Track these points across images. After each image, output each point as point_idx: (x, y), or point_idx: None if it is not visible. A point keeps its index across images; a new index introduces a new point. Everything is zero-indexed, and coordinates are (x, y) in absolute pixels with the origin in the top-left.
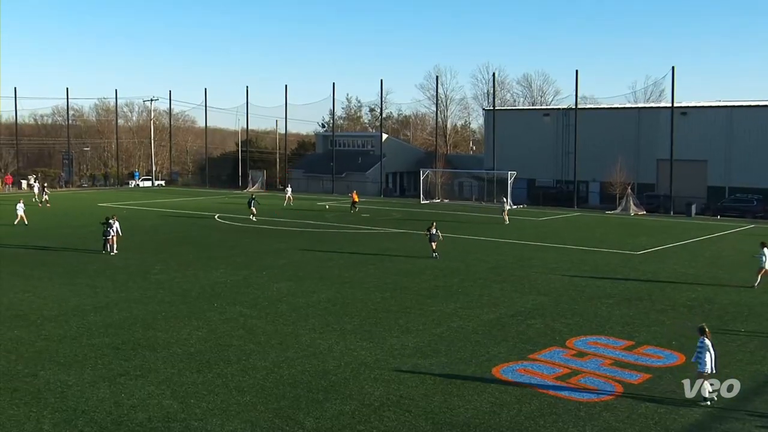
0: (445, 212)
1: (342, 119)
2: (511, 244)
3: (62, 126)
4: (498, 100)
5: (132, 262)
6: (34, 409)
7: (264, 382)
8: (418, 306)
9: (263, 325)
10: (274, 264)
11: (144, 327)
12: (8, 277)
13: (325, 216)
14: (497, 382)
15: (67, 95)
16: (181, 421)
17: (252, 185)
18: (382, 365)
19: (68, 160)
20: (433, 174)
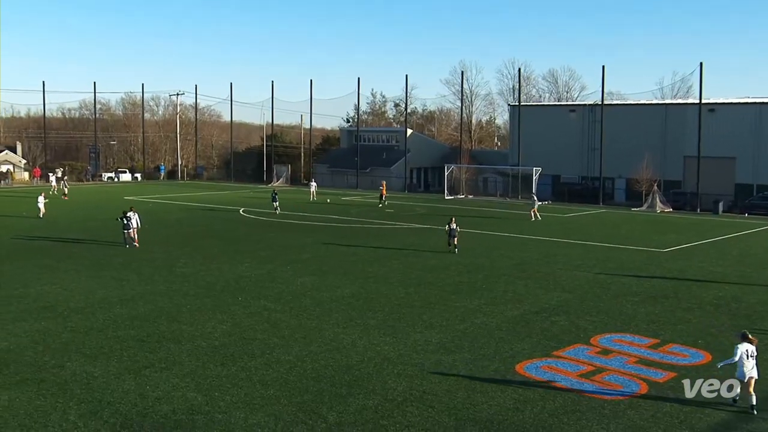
0: (469, 208)
1: (367, 114)
2: (535, 240)
3: (89, 120)
4: (523, 95)
5: (157, 255)
6: (60, 400)
7: (287, 376)
8: (441, 302)
9: (287, 319)
10: (299, 258)
11: (169, 320)
12: (36, 269)
13: (349, 211)
14: (521, 379)
15: (95, 89)
16: (205, 414)
17: (276, 180)
18: (405, 360)
19: (95, 154)
20: (458, 169)
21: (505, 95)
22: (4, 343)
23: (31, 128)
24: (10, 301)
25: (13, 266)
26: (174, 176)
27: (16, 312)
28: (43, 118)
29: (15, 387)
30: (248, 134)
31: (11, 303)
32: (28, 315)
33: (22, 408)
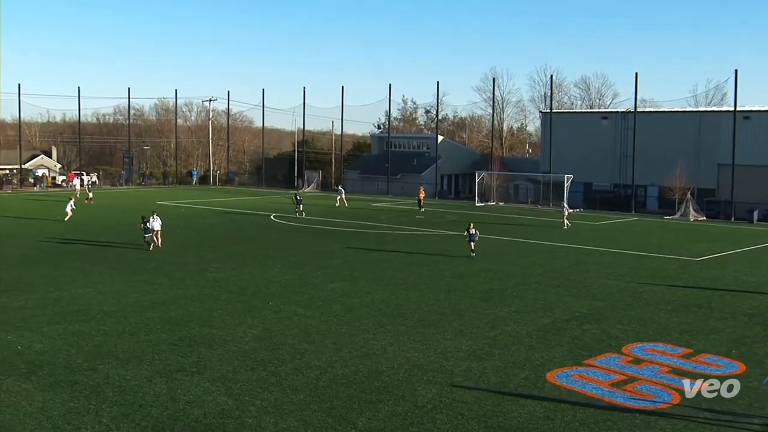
0: (499, 215)
1: (397, 121)
2: (566, 248)
3: (123, 125)
4: (555, 102)
5: (189, 259)
6: (93, 403)
7: (317, 382)
8: (472, 309)
9: (317, 325)
10: (329, 264)
11: (200, 324)
12: (70, 273)
13: (380, 217)
14: (551, 388)
15: (129, 95)
16: (235, 418)
17: (307, 185)
18: (435, 367)
19: (128, 159)
20: (489, 176)
21: (537, 102)
22: (38, 345)
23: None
24: (45, 303)
25: (48, 269)
26: (206, 181)
27: (51, 315)
28: (78, 123)
29: (49, 389)
30: (280, 140)
31: (46, 306)
32: (62, 318)
33: (56, 410)
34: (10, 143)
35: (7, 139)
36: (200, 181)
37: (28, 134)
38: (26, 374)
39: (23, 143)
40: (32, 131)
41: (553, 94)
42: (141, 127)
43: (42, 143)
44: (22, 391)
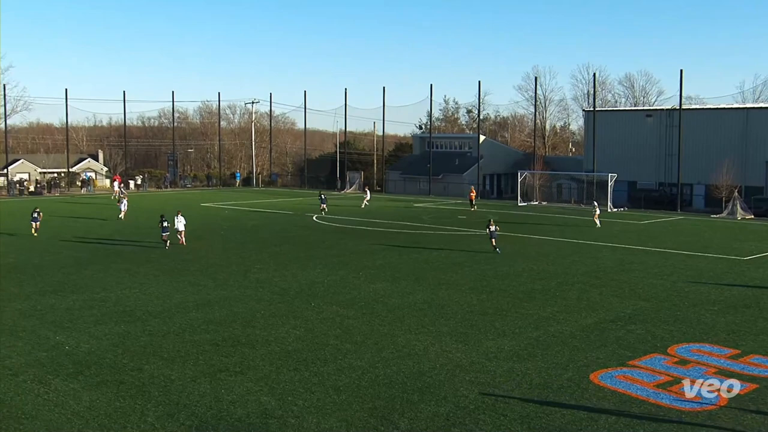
0: (542, 215)
1: (439, 121)
2: (610, 247)
3: (168, 128)
4: (599, 100)
5: (233, 260)
6: (139, 402)
7: (359, 382)
8: (514, 309)
9: (359, 325)
10: (371, 264)
11: (243, 324)
12: (116, 274)
13: (422, 218)
14: (595, 389)
15: (173, 98)
16: (278, 418)
17: (349, 186)
18: (477, 368)
19: (173, 161)
20: (531, 176)
21: (580, 100)
22: (85, 345)
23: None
24: (92, 304)
25: (95, 270)
26: (249, 183)
27: (98, 315)
28: (124, 126)
29: (95, 388)
30: (322, 141)
31: (93, 306)
32: (109, 318)
33: (102, 409)
34: (58, 147)
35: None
36: (243, 182)
37: (76, 138)
38: (74, 374)
39: (70, 147)
40: (79, 135)
41: (597, 92)
42: (185, 130)
43: (89, 147)
44: (69, 391)
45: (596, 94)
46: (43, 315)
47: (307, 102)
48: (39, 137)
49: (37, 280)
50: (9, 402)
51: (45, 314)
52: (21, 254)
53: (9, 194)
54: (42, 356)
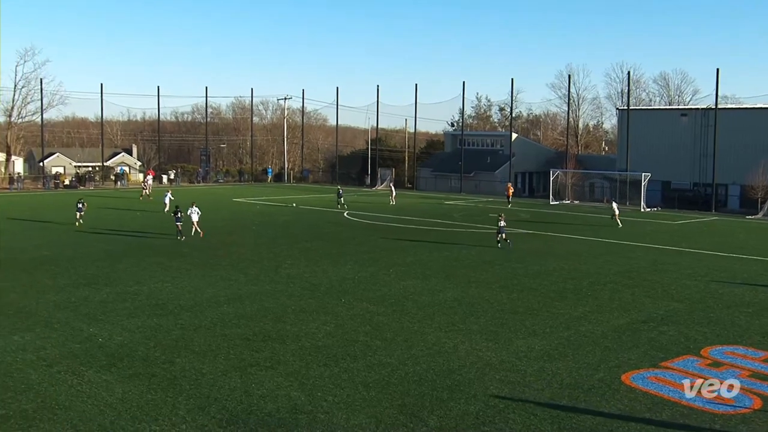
0: (575, 213)
1: (471, 118)
2: (643, 247)
3: (201, 123)
4: (633, 99)
5: (264, 256)
6: (170, 395)
7: (389, 379)
8: (545, 308)
9: (389, 322)
10: (402, 261)
11: (274, 319)
12: (150, 267)
13: (452, 215)
14: (627, 390)
15: (206, 94)
16: (307, 413)
17: (380, 183)
18: (507, 367)
19: (206, 156)
20: (563, 174)
21: (614, 99)
22: (118, 338)
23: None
24: (125, 297)
25: (129, 264)
26: (281, 179)
27: (131, 308)
28: (158, 121)
29: (128, 381)
30: (353, 138)
31: (126, 300)
32: (141, 311)
33: (135, 401)
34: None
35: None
36: (275, 178)
37: (110, 132)
38: (107, 366)
39: (105, 141)
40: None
41: (631, 91)
42: (218, 126)
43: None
44: (102, 383)
45: (630, 93)
46: (77, 307)
47: (339, 98)
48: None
49: (71, 273)
50: (44, 392)
51: (79, 306)
52: (55, 247)
53: (45, 187)
54: (76, 348)
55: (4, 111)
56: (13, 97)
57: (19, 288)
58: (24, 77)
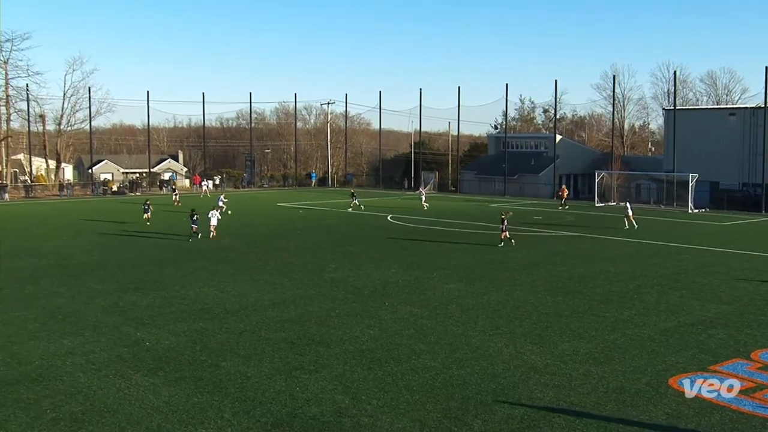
0: (620, 215)
1: (515, 120)
2: (691, 249)
3: (245, 129)
4: (679, 99)
5: (308, 260)
6: (216, 398)
7: (433, 382)
8: (590, 311)
9: (433, 326)
10: (446, 265)
11: (318, 323)
12: (196, 272)
13: (496, 218)
14: (674, 394)
15: (251, 99)
16: (352, 417)
17: (423, 186)
18: (552, 370)
19: (250, 162)
20: (609, 176)
21: (660, 99)
22: (165, 341)
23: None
24: (172, 302)
25: (175, 269)
26: (324, 183)
27: (177, 312)
28: (203, 127)
29: (174, 384)
30: (396, 141)
31: (173, 304)
32: (188, 315)
33: (181, 404)
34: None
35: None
36: (319, 182)
37: (157, 139)
38: (154, 369)
39: (152, 147)
40: (160, 136)
41: (677, 91)
42: (262, 131)
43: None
44: (149, 386)
45: (677, 93)
46: (125, 312)
47: (382, 102)
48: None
49: (119, 278)
50: (92, 396)
51: (126, 311)
52: (104, 252)
53: (93, 194)
54: (123, 352)
55: (54, 119)
56: (62, 106)
57: (69, 293)
58: (73, 86)
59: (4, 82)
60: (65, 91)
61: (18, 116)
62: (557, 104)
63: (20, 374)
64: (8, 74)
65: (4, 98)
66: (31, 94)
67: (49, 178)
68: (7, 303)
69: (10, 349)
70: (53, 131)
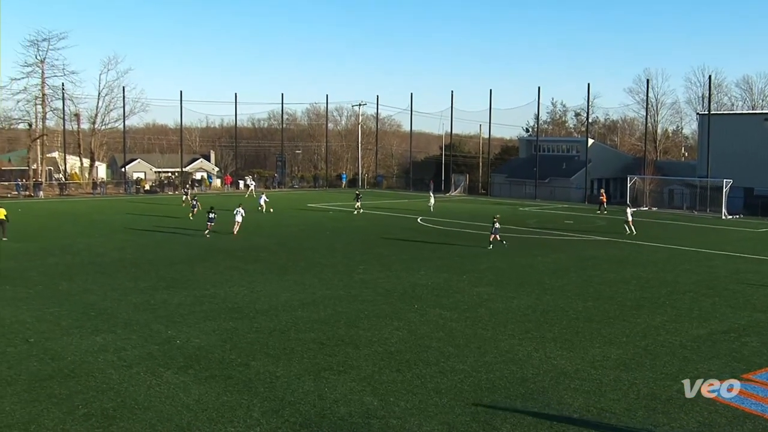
0: (653, 221)
1: (546, 124)
2: (724, 255)
3: (277, 130)
4: (714, 103)
5: (338, 261)
6: (245, 397)
7: (462, 385)
8: (622, 317)
9: (462, 329)
10: (475, 268)
11: (347, 324)
12: (226, 271)
13: (527, 222)
14: (706, 401)
15: (282, 101)
16: (380, 419)
17: (454, 189)
18: (582, 376)
19: (281, 162)
20: (641, 181)
21: (694, 104)
22: (195, 340)
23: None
24: (202, 301)
25: (206, 267)
26: (355, 184)
27: (207, 311)
28: (235, 128)
29: (204, 382)
30: (427, 144)
31: (203, 303)
32: (218, 314)
33: (211, 403)
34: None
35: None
36: (349, 184)
37: (189, 139)
38: (184, 367)
39: (184, 147)
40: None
41: (712, 95)
42: (293, 132)
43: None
44: (180, 384)
45: (711, 97)
46: (156, 309)
47: (413, 104)
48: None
49: (151, 276)
50: (123, 392)
51: (158, 309)
52: (137, 250)
53: (126, 192)
54: (154, 349)
55: (89, 118)
56: (96, 105)
57: (101, 290)
58: (107, 85)
59: (41, 81)
60: (100, 91)
61: (53, 115)
62: (589, 108)
63: (53, 370)
64: (44, 73)
65: (40, 97)
66: (66, 93)
67: (83, 176)
68: (41, 299)
69: (43, 345)
70: (87, 130)
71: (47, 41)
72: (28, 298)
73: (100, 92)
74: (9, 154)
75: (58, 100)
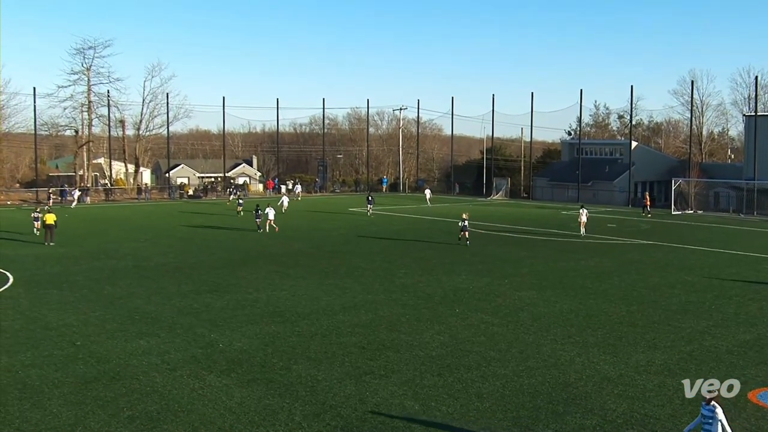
0: (698, 224)
1: (589, 126)
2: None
3: (318, 134)
4: (760, 105)
5: (378, 264)
6: (287, 401)
7: (503, 390)
8: (666, 321)
9: (504, 333)
10: (516, 272)
11: (388, 328)
12: (268, 276)
13: (570, 225)
14: (753, 408)
15: (323, 105)
16: (421, 423)
17: (495, 193)
18: (626, 381)
19: (323, 167)
20: (686, 183)
21: (740, 105)
22: (238, 344)
23: (266, 143)
24: (244, 305)
25: (248, 272)
26: (396, 188)
27: (249, 315)
28: (276, 133)
29: (246, 386)
30: (468, 147)
31: (245, 307)
32: (260, 318)
33: (253, 406)
34: (215, 152)
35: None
36: (390, 188)
37: (231, 144)
38: (226, 371)
39: (227, 152)
40: (235, 141)
41: (758, 96)
42: (335, 136)
43: (244, 152)
44: (222, 387)
45: (758, 99)
46: (199, 313)
47: (454, 108)
48: (198, 143)
49: (193, 280)
50: (167, 395)
51: (201, 313)
52: (180, 254)
53: (170, 197)
54: (198, 353)
55: (134, 124)
56: (141, 111)
57: (146, 294)
58: (151, 92)
59: (87, 88)
60: (144, 97)
61: (99, 121)
62: (633, 110)
63: (99, 372)
64: (90, 81)
65: (86, 104)
66: (111, 100)
67: (128, 181)
68: (86, 303)
69: (89, 348)
70: (132, 136)
71: (93, 49)
72: (74, 301)
73: (144, 99)
74: (56, 161)
75: (103, 106)
